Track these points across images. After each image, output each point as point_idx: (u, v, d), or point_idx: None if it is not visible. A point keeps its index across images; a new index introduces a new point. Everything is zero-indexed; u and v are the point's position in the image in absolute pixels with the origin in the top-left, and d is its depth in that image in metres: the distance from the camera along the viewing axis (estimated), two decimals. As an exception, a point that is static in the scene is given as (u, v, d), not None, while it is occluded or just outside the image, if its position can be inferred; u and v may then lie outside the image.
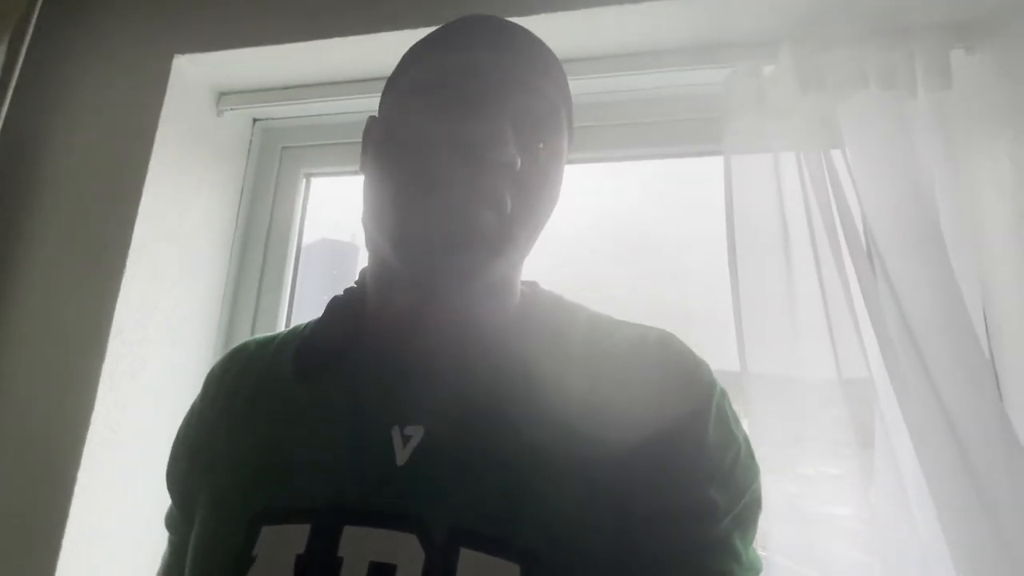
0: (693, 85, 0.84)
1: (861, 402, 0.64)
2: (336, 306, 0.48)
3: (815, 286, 0.67)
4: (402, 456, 0.37)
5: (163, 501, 0.48)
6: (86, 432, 0.78)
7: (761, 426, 0.67)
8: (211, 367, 0.51)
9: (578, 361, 0.40)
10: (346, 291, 0.49)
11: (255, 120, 1.06)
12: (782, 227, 0.71)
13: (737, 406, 0.43)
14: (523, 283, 0.48)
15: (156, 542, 0.85)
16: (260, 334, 0.53)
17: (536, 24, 0.79)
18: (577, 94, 0.88)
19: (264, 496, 0.38)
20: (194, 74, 0.94)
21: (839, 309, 0.65)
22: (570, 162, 0.95)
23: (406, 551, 0.34)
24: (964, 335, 0.58)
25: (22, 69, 0.87)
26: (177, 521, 0.47)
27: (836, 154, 0.68)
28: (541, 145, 0.40)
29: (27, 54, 0.88)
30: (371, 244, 0.45)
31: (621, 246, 1.01)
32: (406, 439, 0.38)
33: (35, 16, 0.87)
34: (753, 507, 0.39)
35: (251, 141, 1.06)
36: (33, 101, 0.93)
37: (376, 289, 0.45)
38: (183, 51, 0.90)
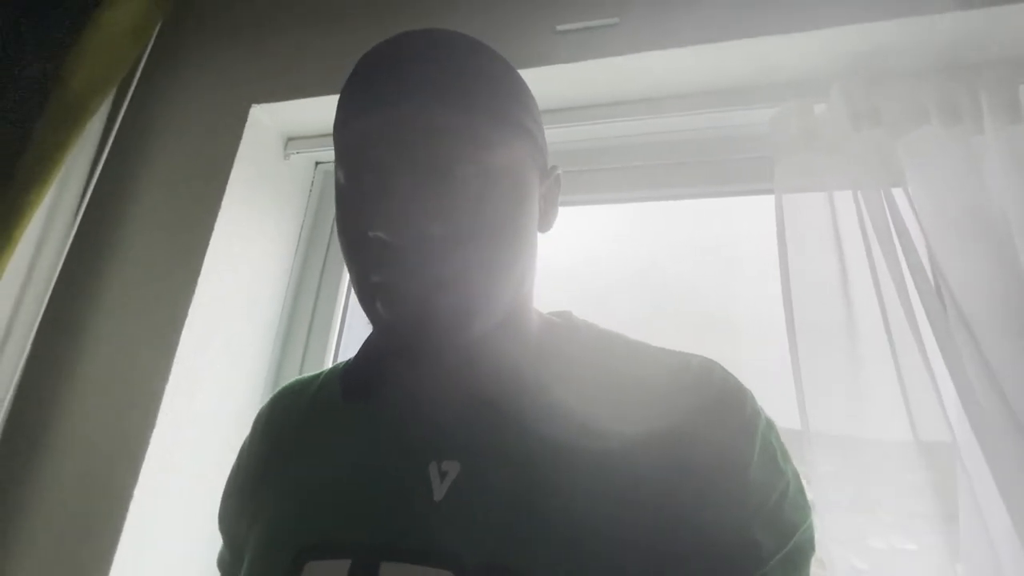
0: (743, 125, 0.83)
1: (942, 467, 0.57)
2: (370, 344, 0.49)
3: (881, 333, 0.62)
4: (439, 491, 0.37)
5: (213, 523, 0.50)
6: (144, 451, 0.82)
7: (825, 491, 0.61)
8: (259, 408, 0.53)
9: (613, 390, 0.39)
10: None
11: (317, 163, 1.14)
12: (840, 269, 0.67)
13: (798, 467, 0.39)
14: (554, 314, 0.47)
15: (204, 564, 0.88)
16: (304, 373, 0.54)
17: (580, 70, 0.82)
18: (623, 135, 0.91)
19: (309, 532, 0.39)
20: (267, 122, 1.03)
21: (911, 360, 0.60)
22: (615, 202, 0.96)
23: None
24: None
25: (124, 115, 0.99)
26: (228, 562, 0.48)
27: (897, 192, 0.65)
28: (468, 176, 0.37)
29: (129, 102, 0.99)
30: None
31: (664, 293, 0.98)
32: (443, 474, 0.38)
33: (139, 73, 0.99)
34: (804, 549, 0.36)
35: (313, 182, 1.14)
36: (130, 142, 1.04)
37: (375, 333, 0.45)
38: (259, 101, 0.99)
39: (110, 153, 0.97)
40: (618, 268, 1.00)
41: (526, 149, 0.41)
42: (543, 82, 0.85)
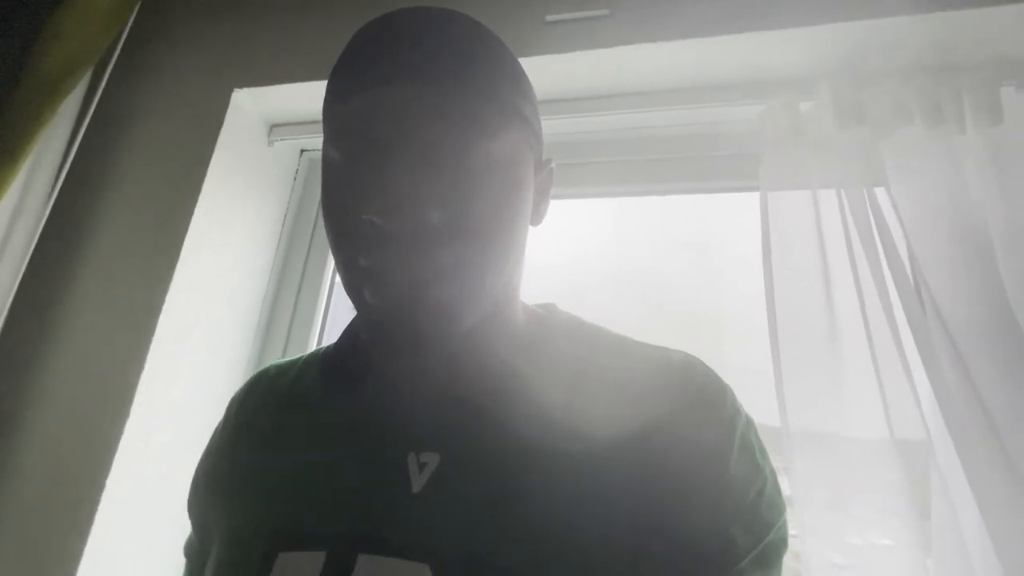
0: (729, 122, 0.83)
1: (917, 464, 0.58)
2: (353, 330, 0.48)
3: (861, 332, 0.62)
4: (418, 483, 0.36)
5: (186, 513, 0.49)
6: (119, 440, 0.81)
7: (803, 487, 0.62)
8: (233, 393, 0.52)
9: (591, 380, 0.39)
10: None
11: (302, 151, 1.12)
12: (823, 267, 0.67)
13: (776, 463, 0.40)
14: (539, 306, 0.47)
15: (178, 554, 0.87)
16: (281, 359, 0.53)
17: (569, 61, 0.81)
18: (610, 129, 0.91)
19: (282, 522, 0.38)
20: (250, 107, 1.01)
21: (889, 359, 0.60)
22: (599, 195, 0.95)
23: None
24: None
25: (101, 96, 0.96)
26: (195, 548, 0.47)
27: (880, 191, 0.65)
28: (468, 163, 0.35)
29: (107, 83, 0.96)
30: None
31: (645, 289, 0.97)
32: (422, 466, 0.37)
33: (116, 53, 0.96)
34: (778, 546, 0.36)
35: (297, 170, 1.12)
36: (107, 125, 1.01)
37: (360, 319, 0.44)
38: (242, 85, 0.97)
39: (85, 135, 0.95)
40: (600, 263, 0.99)
41: (525, 139, 0.40)
42: (531, 73, 0.84)
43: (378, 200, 0.33)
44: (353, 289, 0.37)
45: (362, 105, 0.35)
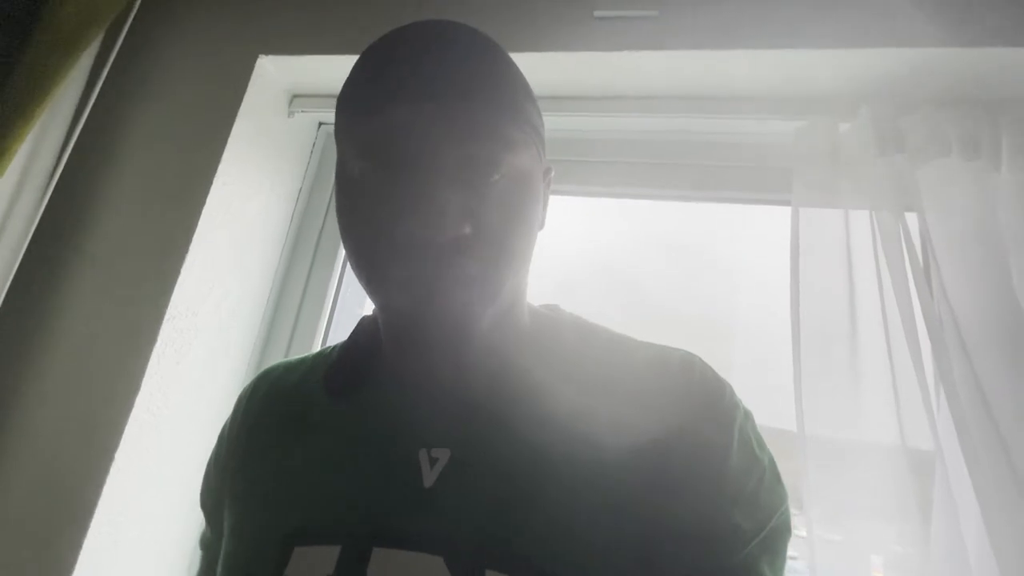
0: (766, 134, 0.84)
1: (924, 474, 0.62)
2: (363, 327, 0.48)
3: (882, 350, 0.65)
4: (429, 478, 0.38)
5: (194, 488, 0.49)
6: (129, 413, 0.79)
7: (817, 491, 0.65)
8: (241, 389, 0.52)
9: (595, 381, 0.40)
10: (374, 311, 0.49)
11: (320, 124, 1.09)
12: (849, 283, 0.70)
13: (789, 464, 0.42)
14: (543, 306, 0.48)
15: (183, 528, 0.86)
16: (289, 358, 0.53)
17: (615, 61, 0.81)
18: (646, 131, 0.91)
19: (296, 517, 0.39)
20: (273, 75, 0.97)
21: (907, 378, 0.64)
22: (633, 196, 0.96)
23: (433, 573, 0.34)
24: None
25: (116, 59, 0.90)
26: (210, 541, 0.48)
27: (911, 217, 0.68)
28: (496, 177, 0.37)
29: (122, 44, 0.91)
30: None
31: (659, 294, 0.99)
32: (433, 461, 0.38)
33: (135, 8, 0.91)
34: (781, 532, 0.38)
35: (315, 143, 1.08)
36: (123, 87, 0.96)
37: (383, 322, 0.45)
38: (267, 52, 0.93)
39: (100, 95, 0.90)
40: (622, 264, 1.01)
41: (538, 151, 0.42)
42: (573, 66, 0.83)
43: (419, 212, 0.35)
44: (381, 295, 0.38)
45: (394, 120, 0.36)
